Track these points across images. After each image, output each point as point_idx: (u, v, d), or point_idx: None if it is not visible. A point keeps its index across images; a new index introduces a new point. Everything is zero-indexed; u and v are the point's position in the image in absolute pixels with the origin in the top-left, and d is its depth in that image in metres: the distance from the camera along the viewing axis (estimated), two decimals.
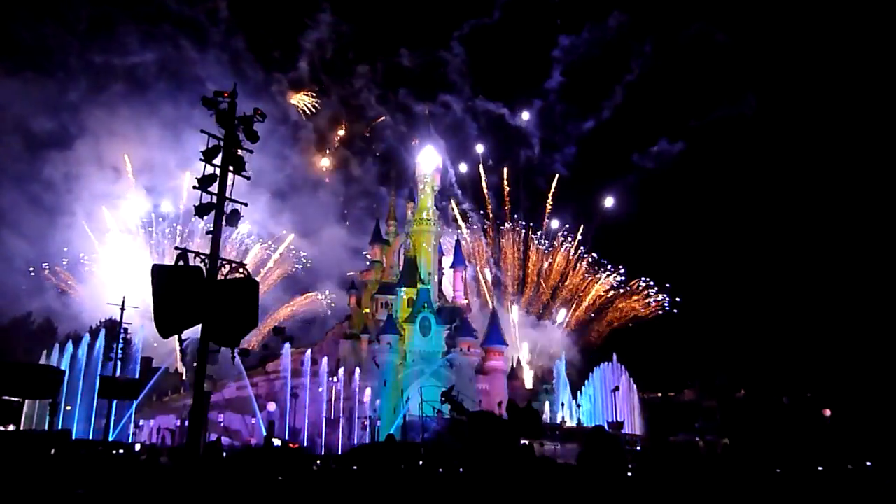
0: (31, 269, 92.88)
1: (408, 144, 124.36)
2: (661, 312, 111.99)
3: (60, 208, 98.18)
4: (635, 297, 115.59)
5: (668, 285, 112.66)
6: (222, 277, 14.35)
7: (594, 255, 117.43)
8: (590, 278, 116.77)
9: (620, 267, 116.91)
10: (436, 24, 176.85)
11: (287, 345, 74.83)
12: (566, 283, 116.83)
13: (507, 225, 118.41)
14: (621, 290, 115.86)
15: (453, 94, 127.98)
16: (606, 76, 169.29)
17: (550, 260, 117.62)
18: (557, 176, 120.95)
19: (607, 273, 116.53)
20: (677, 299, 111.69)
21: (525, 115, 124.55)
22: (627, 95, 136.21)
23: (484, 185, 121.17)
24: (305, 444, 64.76)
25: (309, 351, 78.63)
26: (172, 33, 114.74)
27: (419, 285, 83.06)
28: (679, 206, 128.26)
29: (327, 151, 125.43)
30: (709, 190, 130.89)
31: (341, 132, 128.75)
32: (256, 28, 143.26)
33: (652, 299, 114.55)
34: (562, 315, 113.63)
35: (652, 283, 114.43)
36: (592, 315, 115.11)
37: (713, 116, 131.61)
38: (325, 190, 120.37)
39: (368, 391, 73.01)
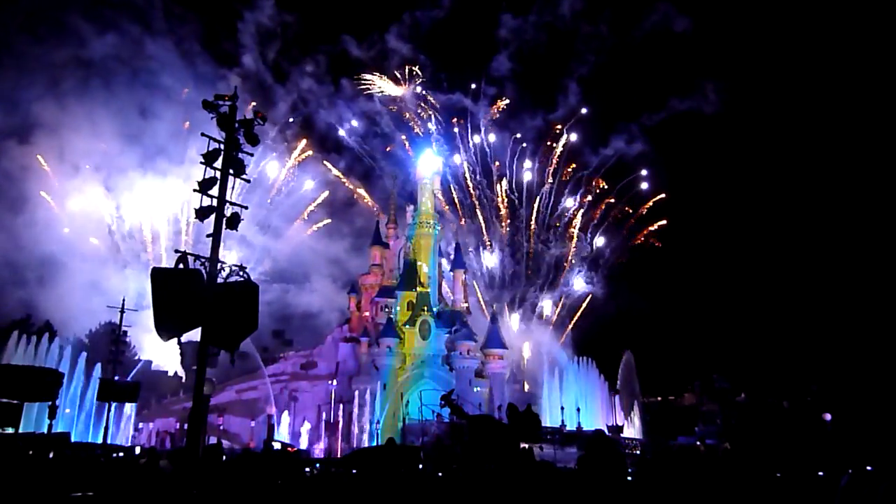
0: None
1: (370, 140, 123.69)
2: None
3: (19, 205, 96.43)
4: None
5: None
6: (222, 280, 14.34)
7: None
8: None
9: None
10: (383, 11, 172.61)
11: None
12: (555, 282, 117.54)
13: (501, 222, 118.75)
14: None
15: (405, 84, 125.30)
16: (558, 65, 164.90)
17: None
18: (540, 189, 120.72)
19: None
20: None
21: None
22: (580, 89, 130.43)
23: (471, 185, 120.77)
24: (305, 448, 64.76)
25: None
26: (115, 18, 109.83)
27: (419, 288, 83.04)
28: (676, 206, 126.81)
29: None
30: (701, 190, 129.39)
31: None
32: (199, 16, 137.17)
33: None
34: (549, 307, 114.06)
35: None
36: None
37: (671, 112, 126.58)
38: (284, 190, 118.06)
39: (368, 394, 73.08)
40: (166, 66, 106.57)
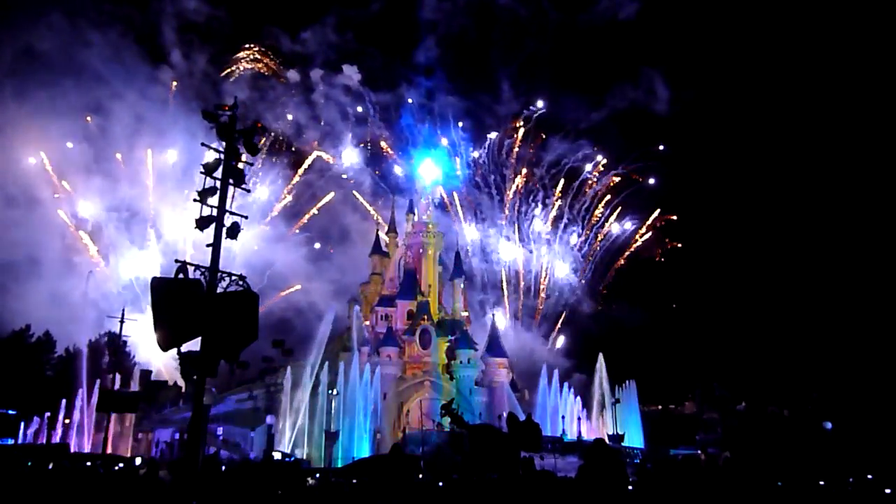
0: None
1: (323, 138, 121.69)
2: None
3: None
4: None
5: None
6: (222, 290, 14.35)
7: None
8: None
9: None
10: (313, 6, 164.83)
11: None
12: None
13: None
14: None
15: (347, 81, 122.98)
16: (489, 52, 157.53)
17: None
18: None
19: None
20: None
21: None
22: (513, 81, 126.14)
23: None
24: (304, 457, 64.54)
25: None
26: (47, 11, 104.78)
27: (419, 297, 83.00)
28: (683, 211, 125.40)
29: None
30: (699, 196, 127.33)
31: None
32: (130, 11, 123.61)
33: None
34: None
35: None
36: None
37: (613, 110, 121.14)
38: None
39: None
40: (104, 62, 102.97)
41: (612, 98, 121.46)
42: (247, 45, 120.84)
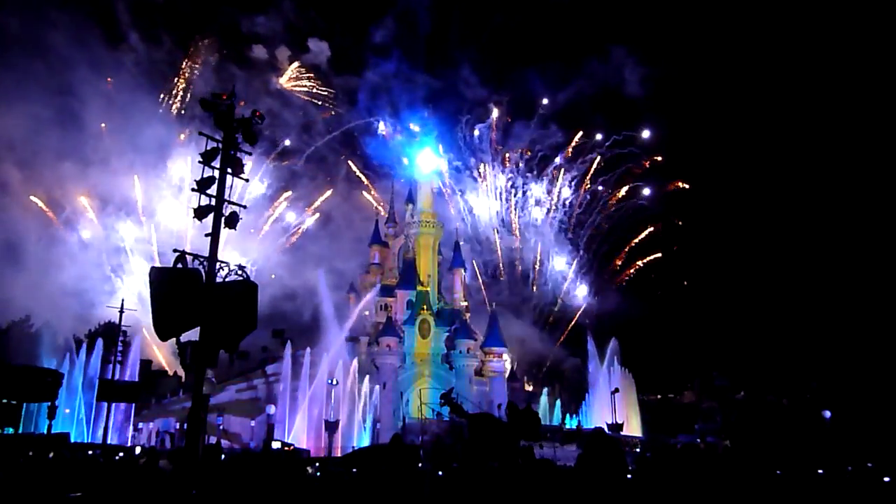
0: None
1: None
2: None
3: None
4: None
5: None
6: (221, 280, 14.32)
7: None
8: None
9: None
10: None
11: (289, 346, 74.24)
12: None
13: None
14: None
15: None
16: (455, 32, 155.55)
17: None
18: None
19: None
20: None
21: None
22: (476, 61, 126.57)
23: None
24: (305, 447, 64.72)
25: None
26: None
27: (418, 287, 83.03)
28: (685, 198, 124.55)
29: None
30: (707, 183, 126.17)
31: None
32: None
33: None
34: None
35: None
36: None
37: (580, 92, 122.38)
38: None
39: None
40: (65, 43, 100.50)
41: (582, 79, 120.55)
42: (205, 30, 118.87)
